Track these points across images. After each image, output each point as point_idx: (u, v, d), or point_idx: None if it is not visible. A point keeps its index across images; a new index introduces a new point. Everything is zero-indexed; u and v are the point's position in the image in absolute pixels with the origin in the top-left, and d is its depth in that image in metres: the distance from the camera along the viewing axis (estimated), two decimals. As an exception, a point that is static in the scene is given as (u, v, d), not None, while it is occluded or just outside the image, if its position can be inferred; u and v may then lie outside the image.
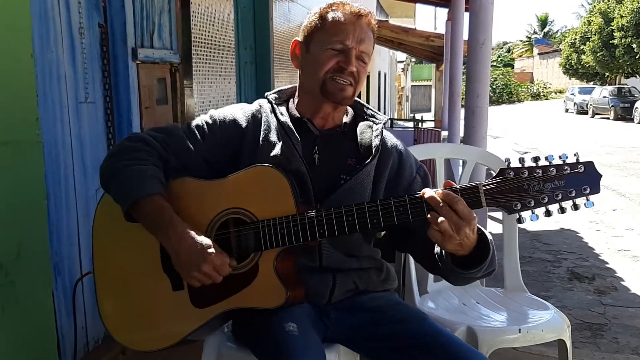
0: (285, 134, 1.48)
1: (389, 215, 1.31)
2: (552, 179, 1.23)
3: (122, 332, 1.50)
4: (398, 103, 30.44)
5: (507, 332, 1.88)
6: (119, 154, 1.45)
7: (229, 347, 1.56)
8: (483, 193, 1.26)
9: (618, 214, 6.30)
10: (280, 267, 1.38)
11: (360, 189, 1.48)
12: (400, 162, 1.56)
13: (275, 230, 1.36)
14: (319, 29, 1.49)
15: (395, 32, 12.49)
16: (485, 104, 2.87)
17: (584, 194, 1.23)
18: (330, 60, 1.46)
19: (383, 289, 1.59)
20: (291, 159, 1.46)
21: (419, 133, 7.29)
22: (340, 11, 1.48)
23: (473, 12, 2.86)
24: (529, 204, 1.24)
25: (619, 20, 24.84)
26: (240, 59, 4.68)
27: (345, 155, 1.53)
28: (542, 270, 4.27)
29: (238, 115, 1.54)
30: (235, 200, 1.42)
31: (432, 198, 1.26)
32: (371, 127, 1.57)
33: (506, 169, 1.25)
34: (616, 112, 22.80)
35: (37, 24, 2.11)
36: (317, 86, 1.49)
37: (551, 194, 1.23)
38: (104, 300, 1.52)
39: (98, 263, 1.53)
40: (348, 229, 1.34)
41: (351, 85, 1.48)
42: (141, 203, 1.37)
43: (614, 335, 3.07)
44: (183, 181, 1.47)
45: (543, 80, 47.13)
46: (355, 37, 1.46)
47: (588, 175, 1.23)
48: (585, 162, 1.23)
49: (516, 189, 1.24)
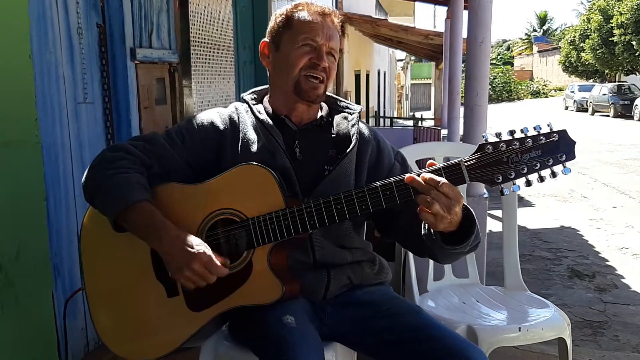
0: (267, 131, 1.51)
1: (376, 199, 1.34)
2: (529, 149, 1.26)
3: (120, 344, 1.49)
4: (398, 101, 30.45)
5: (507, 330, 1.88)
6: (100, 165, 1.46)
7: (226, 346, 1.55)
8: (465, 169, 1.29)
9: (618, 211, 6.30)
10: (274, 262, 1.40)
11: (344, 178, 1.51)
12: (379, 149, 1.60)
13: (266, 226, 1.38)
14: (287, 28, 1.54)
15: (394, 30, 12.47)
16: (485, 102, 2.86)
17: (561, 161, 1.27)
18: (303, 57, 1.51)
19: (377, 281, 1.60)
20: (275, 155, 1.48)
21: (418, 132, 7.29)
22: (305, 10, 1.54)
23: (472, 10, 2.85)
24: (509, 175, 1.27)
25: (618, 17, 24.82)
26: (239, 58, 4.68)
27: (326, 147, 1.56)
28: (542, 268, 4.27)
29: (215, 119, 1.57)
30: (223, 201, 1.43)
31: (417, 183, 1.28)
32: (346, 117, 1.61)
33: (485, 144, 1.29)
34: (616, 110, 22.79)
35: (35, 24, 2.10)
36: (291, 84, 1.53)
37: (530, 163, 1.26)
38: (99, 315, 1.52)
39: (89, 279, 1.53)
40: (338, 217, 1.36)
41: (322, 82, 1.53)
42: (129, 211, 1.38)
43: (615, 333, 3.07)
44: (168, 187, 1.47)
45: (543, 78, 47.10)
46: (324, 34, 1.51)
47: (563, 143, 1.26)
48: (559, 130, 1.27)
49: (496, 162, 1.28)
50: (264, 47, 1.60)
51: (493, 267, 3.52)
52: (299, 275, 1.47)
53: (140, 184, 1.41)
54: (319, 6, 1.56)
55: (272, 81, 1.61)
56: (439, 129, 7.18)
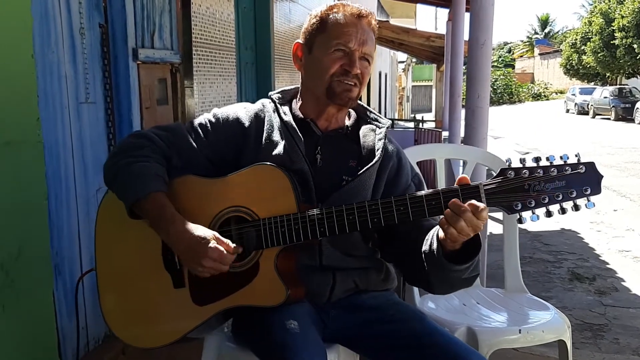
0: (289, 134, 1.49)
1: (389, 213, 1.32)
2: (553, 179, 1.23)
3: (123, 328, 1.50)
4: (399, 103, 30.44)
5: (507, 332, 1.88)
6: (123, 151, 1.46)
7: (229, 347, 1.56)
8: (484, 193, 1.26)
9: (619, 214, 6.30)
10: (281, 265, 1.39)
11: (361, 191, 1.48)
12: (399, 167, 1.57)
13: (276, 228, 1.37)
14: (321, 31, 1.50)
15: (396, 32, 12.49)
16: (486, 105, 2.86)
17: (585, 194, 1.23)
18: (335, 63, 1.47)
19: (383, 288, 1.59)
20: (294, 159, 1.46)
21: (419, 133, 7.27)
22: (341, 13, 1.49)
23: (473, 13, 2.85)
24: (529, 204, 1.24)
25: (619, 20, 24.82)
26: (241, 59, 4.69)
27: (347, 157, 1.54)
28: (543, 270, 4.27)
29: (241, 114, 1.55)
30: (237, 198, 1.43)
31: (458, 207, 1.24)
32: (374, 130, 1.58)
33: (507, 169, 1.26)
34: (617, 113, 22.79)
35: (38, 24, 2.11)
36: (322, 89, 1.50)
37: (552, 194, 1.23)
38: (106, 296, 1.52)
39: (100, 260, 1.54)
40: (349, 228, 1.35)
41: (356, 87, 1.50)
42: (143, 201, 1.38)
43: (615, 336, 3.06)
44: (186, 179, 1.47)
45: (544, 80, 47.09)
46: (357, 39, 1.47)
47: (589, 176, 1.23)
48: (586, 162, 1.23)
49: (517, 189, 1.24)
50: (297, 48, 1.57)
51: (493, 269, 3.52)
52: (304, 277, 1.46)
53: (157, 174, 1.41)
54: (355, 8, 1.51)
55: (303, 83, 1.58)
56: (440, 131, 7.16)
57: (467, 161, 2.32)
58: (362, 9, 1.51)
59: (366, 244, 1.57)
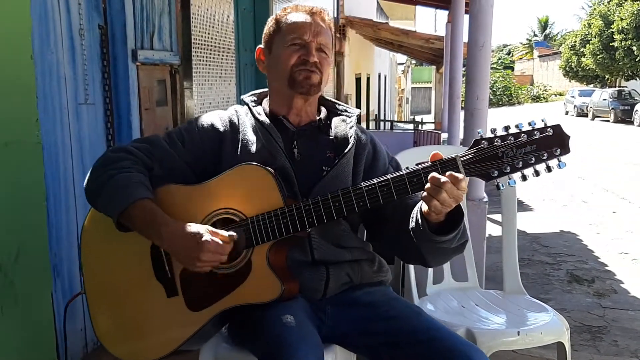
0: (266, 132, 1.53)
1: (374, 196, 1.36)
2: (524, 144, 1.28)
3: (119, 346, 1.50)
4: (398, 105, 30.46)
5: (506, 334, 1.88)
6: (102, 166, 1.48)
7: (225, 348, 1.55)
8: (461, 164, 1.31)
9: (618, 216, 6.30)
10: (273, 260, 1.40)
11: (342, 179, 1.52)
12: (375, 152, 1.62)
13: (265, 224, 1.39)
14: (277, 32, 1.58)
15: (395, 34, 12.49)
16: (485, 107, 2.86)
17: (555, 155, 1.28)
18: (292, 55, 1.53)
19: (377, 280, 1.61)
20: (275, 155, 1.50)
21: (418, 135, 7.30)
22: (293, 12, 1.58)
23: (473, 15, 2.85)
24: (505, 170, 1.29)
25: (619, 22, 24.85)
26: (240, 60, 4.69)
27: (323, 149, 1.58)
28: (542, 272, 4.27)
29: (215, 121, 1.59)
30: (222, 201, 1.44)
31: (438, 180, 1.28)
32: (344, 120, 1.63)
33: (480, 139, 1.31)
34: (616, 115, 22.81)
35: (37, 25, 2.11)
36: (285, 81, 1.55)
37: (524, 158, 1.28)
38: (98, 317, 1.53)
39: (89, 281, 1.54)
40: (336, 214, 1.38)
41: (316, 74, 1.54)
42: (131, 209, 1.39)
43: (614, 338, 3.06)
44: (169, 188, 1.48)
45: (543, 82, 47.16)
46: (311, 31, 1.54)
47: (557, 137, 1.27)
48: (553, 125, 1.28)
49: (491, 157, 1.30)
50: (259, 53, 1.65)
51: (492, 271, 3.52)
52: (297, 273, 1.47)
53: (142, 182, 1.43)
54: (307, 6, 1.59)
55: (269, 83, 1.64)
56: (439, 133, 7.19)
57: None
58: (313, 6, 1.59)
59: (355, 235, 1.60)
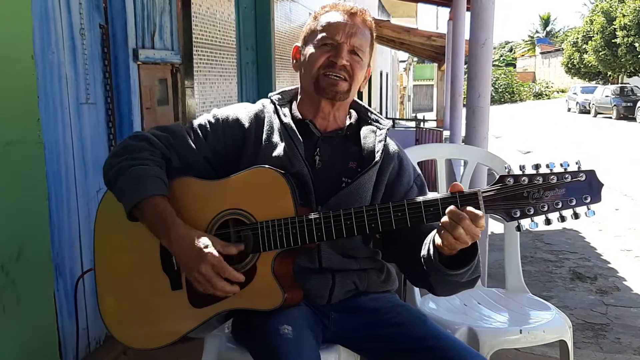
0: (288, 135, 1.48)
1: (387, 219, 1.31)
2: (553, 187, 1.21)
3: (120, 329, 1.50)
4: (400, 103, 30.42)
5: (508, 332, 1.87)
6: (122, 152, 1.46)
7: (228, 347, 1.56)
8: (482, 199, 1.25)
9: (620, 213, 6.28)
10: (278, 269, 1.38)
11: (361, 193, 1.47)
12: (400, 169, 1.56)
13: (273, 232, 1.37)
14: (313, 29, 1.52)
15: (397, 31, 12.48)
16: (487, 104, 2.85)
17: (585, 202, 1.21)
18: (322, 56, 1.48)
19: (383, 289, 1.58)
20: (293, 161, 1.46)
21: (420, 133, 7.28)
22: (333, 10, 1.51)
23: (474, 12, 2.85)
24: (528, 212, 1.22)
25: (621, 19, 24.78)
26: (242, 59, 4.68)
27: (347, 159, 1.53)
28: (544, 270, 4.27)
29: (241, 115, 1.55)
30: (235, 201, 1.42)
31: (457, 215, 1.22)
32: (374, 131, 1.56)
33: (506, 176, 1.24)
34: (618, 112, 22.76)
35: (38, 24, 2.11)
36: (311, 84, 1.50)
37: (551, 202, 1.21)
38: (104, 297, 1.53)
39: (99, 260, 1.54)
40: (346, 233, 1.34)
41: (345, 81, 1.49)
42: (143, 205, 1.38)
43: (616, 336, 3.06)
44: (184, 181, 1.47)
45: (545, 79, 47.03)
46: (345, 32, 1.48)
47: (589, 184, 1.21)
48: (587, 170, 1.22)
49: (516, 196, 1.23)
50: (295, 52, 1.59)
51: (494, 269, 3.52)
52: (303, 279, 1.45)
53: (157, 177, 1.41)
54: (347, 6, 1.52)
55: (300, 83, 1.59)
56: (441, 130, 7.17)
57: (468, 161, 2.31)
58: (355, 6, 1.53)
59: (366, 246, 1.56)
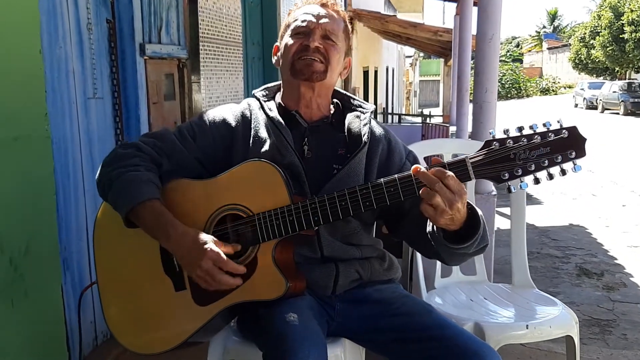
0: (276, 128, 1.51)
1: (380, 196, 1.33)
2: (538, 146, 1.23)
3: (128, 336, 1.51)
4: (406, 98, 30.38)
5: (514, 328, 1.88)
6: (113, 161, 1.47)
7: (234, 341, 1.57)
8: (471, 165, 1.27)
9: (627, 209, 6.26)
10: (279, 258, 1.40)
11: (353, 177, 1.50)
12: (390, 148, 1.58)
13: (271, 222, 1.38)
14: (288, 24, 1.58)
15: (403, 27, 12.43)
16: (494, 99, 2.85)
17: (570, 158, 1.23)
18: (295, 43, 1.53)
19: (387, 278, 1.60)
20: (284, 152, 1.48)
21: (427, 128, 7.28)
22: (305, 5, 1.58)
23: (481, 7, 2.84)
24: (516, 172, 1.24)
25: (629, 14, 24.65)
26: (248, 54, 4.69)
27: (335, 146, 1.55)
28: (551, 266, 4.26)
29: (227, 115, 1.58)
30: (230, 196, 1.44)
31: (423, 174, 1.26)
32: (359, 116, 1.59)
33: (492, 140, 1.26)
34: (626, 107, 22.64)
35: (46, 20, 2.11)
36: (288, 70, 1.54)
37: (538, 161, 1.23)
38: (109, 307, 1.54)
39: (101, 272, 1.56)
40: (342, 214, 1.36)
41: (321, 63, 1.52)
42: (139, 209, 1.39)
43: (623, 332, 3.05)
44: (178, 183, 1.49)
45: (552, 75, 46.83)
46: (316, 17, 1.53)
47: (572, 140, 1.23)
48: (569, 126, 1.23)
49: (503, 159, 1.25)
50: (275, 50, 1.63)
51: (501, 265, 3.51)
52: (307, 270, 1.47)
53: (150, 181, 1.43)
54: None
55: (281, 77, 1.62)
56: (447, 126, 7.16)
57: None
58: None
59: (367, 234, 1.59)
